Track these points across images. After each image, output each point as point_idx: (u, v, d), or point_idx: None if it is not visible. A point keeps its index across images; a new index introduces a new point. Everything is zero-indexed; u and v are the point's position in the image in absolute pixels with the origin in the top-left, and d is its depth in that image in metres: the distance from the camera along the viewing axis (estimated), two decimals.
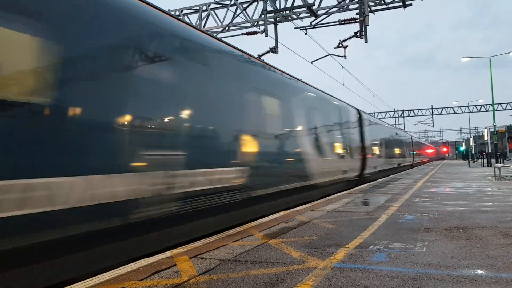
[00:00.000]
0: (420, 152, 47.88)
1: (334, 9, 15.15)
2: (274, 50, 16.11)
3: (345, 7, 15.10)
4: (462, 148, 61.00)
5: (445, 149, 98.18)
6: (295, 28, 15.75)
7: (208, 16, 16.36)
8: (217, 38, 7.31)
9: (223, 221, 6.72)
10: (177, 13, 16.60)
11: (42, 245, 3.69)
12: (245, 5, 15.84)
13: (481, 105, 53.34)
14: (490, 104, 42.84)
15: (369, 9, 14.28)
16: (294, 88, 10.17)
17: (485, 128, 35.32)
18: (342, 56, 16.96)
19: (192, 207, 5.69)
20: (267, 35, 15.31)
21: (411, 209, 7.61)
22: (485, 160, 32.32)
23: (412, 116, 57.56)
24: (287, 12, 15.40)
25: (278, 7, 15.27)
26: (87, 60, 4.31)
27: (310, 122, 10.72)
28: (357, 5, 14.66)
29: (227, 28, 16.39)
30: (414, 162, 38.88)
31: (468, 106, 54.01)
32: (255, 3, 15.66)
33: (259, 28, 15.86)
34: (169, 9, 15.69)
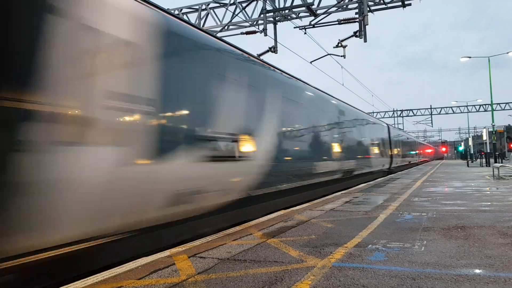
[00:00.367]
0: (423, 153, 56.71)
1: (334, 9, 15.15)
2: (273, 50, 16.11)
3: (345, 7, 15.10)
4: (461, 148, 61.07)
5: (444, 149, 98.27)
6: (295, 28, 15.75)
7: (207, 15, 16.35)
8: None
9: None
10: (177, 12, 16.59)
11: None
12: (244, 4, 15.82)
13: (480, 105, 53.38)
14: (489, 104, 42.82)
15: (369, 9, 14.28)
16: (367, 121, 19.00)
17: (484, 128, 35.35)
18: (341, 56, 16.95)
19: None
20: (266, 35, 15.31)
21: (410, 209, 7.62)
22: (484, 160, 32.37)
23: (411, 116, 57.59)
24: (287, 12, 15.39)
25: (278, 7, 15.26)
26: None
27: (373, 137, 19.78)
28: (357, 5, 14.66)
29: (226, 28, 16.38)
30: (419, 160, 47.80)
31: (467, 106, 54.06)
32: (254, 2, 15.66)
33: (258, 28, 15.86)
34: (168, 8, 15.66)
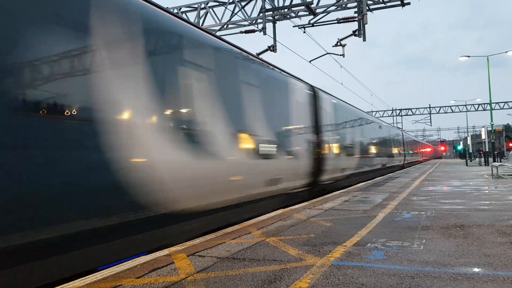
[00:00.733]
0: (425, 152, 64.24)
1: (333, 8, 15.14)
2: (273, 49, 16.10)
3: (344, 6, 15.09)
4: (460, 147, 61.11)
5: (443, 148, 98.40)
6: (294, 27, 15.74)
7: (207, 14, 16.32)
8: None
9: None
10: (176, 11, 16.56)
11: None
12: (244, 3, 15.79)
13: (479, 104, 53.44)
14: (488, 103, 42.86)
15: (368, 8, 14.27)
16: (395, 132, 28.72)
17: (483, 127, 35.37)
18: (341, 55, 16.95)
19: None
20: (266, 34, 15.30)
21: (409, 208, 7.63)
22: (483, 159, 32.41)
23: (410, 115, 57.65)
24: (286, 11, 15.38)
25: (277, 6, 15.24)
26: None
27: (395, 141, 26.79)
28: (356, 4, 14.65)
29: (226, 26, 16.36)
30: (423, 159, 55.36)
31: (466, 105, 54.14)
32: (254, 1, 15.63)
33: (258, 26, 15.84)
34: (167, 7, 15.64)
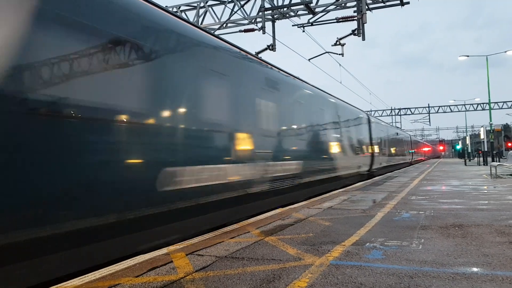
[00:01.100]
0: (426, 151, 69.97)
1: (332, 7, 15.13)
2: (272, 48, 16.09)
3: (343, 5, 15.08)
4: (459, 147, 61.18)
5: (442, 148, 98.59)
6: (293, 26, 15.73)
7: (206, 13, 16.30)
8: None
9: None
10: (175, 10, 16.53)
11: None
12: (243, 2, 15.77)
13: (478, 104, 53.50)
14: (487, 103, 42.81)
15: (367, 7, 14.26)
16: (410, 137, 42.33)
17: (482, 127, 35.40)
18: (340, 54, 16.95)
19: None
20: (265, 32, 15.27)
21: (408, 207, 7.63)
22: (481, 159, 32.45)
23: (409, 115, 57.69)
24: (285, 9, 15.36)
25: (276, 4, 15.23)
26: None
27: (406, 143, 36.46)
28: (355, 3, 14.64)
29: (225, 25, 16.34)
30: (424, 158, 60.75)
31: (465, 105, 54.20)
32: (253, 0, 15.59)
33: (257, 25, 15.82)
34: (167, 6, 15.61)
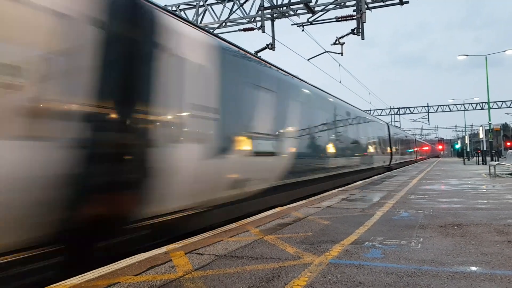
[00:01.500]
0: (427, 151, 72.08)
1: (331, 6, 15.12)
2: (271, 47, 16.08)
3: (342, 4, 15.08)
4: (458, 146, 61.26)
5: (441, 147, 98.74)
6: (292, 25, 15.71)
7: (205, 12, 16.29)
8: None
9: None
10: (174, 9, 16.52)
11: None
12: (242, 1, 15.76)
13: (477, 103, 53.59)
14: (486, 102, 42.90)
15: (366, 6, 14.26)
16: (416, 139, 50.56)
17: (481, 126, 35.44)
18: (339, 53, 16.94)
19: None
20: (264, 32, 15.27)
21: (406, 206, 7.64)
22: (480, 158, 32.49)
23: (408, 114, 57.74)
24: (284, 9, 15.35)
25: (275, 4, 15.22)
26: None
27: (414, 145, 43.94)
28: (354, 2, 14.64)
29: (224, 24, 16.33)
30: (425, 157, 64.30)
31: (464, 104, 54.26)
32: None
33: (256, 25, 15.81)
34: (166, 5, 15.59)
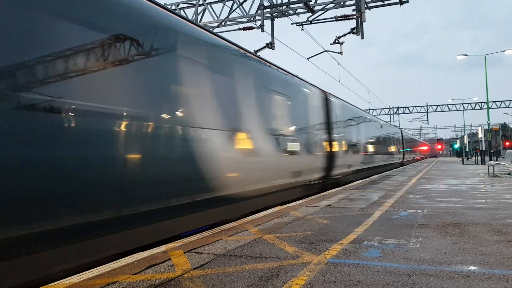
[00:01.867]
0: (427, 150, 73.95)
1: (331, 5, 15.13)
2: (271, 46, 16.10)
3: (342, 3, 15.08)
4: (456, 146, 61.33)
5: (439, 146, 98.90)
6: (292, 24, 15.73)
7: (205, 11, 16.28)
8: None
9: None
10: (173, 7, 16.50)
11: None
12: (242, 0, 15.76)
13: (476, 103, 53.62)
14: (485, 102, 43.01)
15: (366, 6, 14.27)
16: (418, 140, 58.23)
17: (479, 126, 35.52)
18: (338, 53, 16.95)
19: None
20: (264, 31, 15.28)
21: (405, 206, 7.65)
22: (479, 158, 32.53)
23: (407, 113, 57.79)
24: (284, 8, 15.36)
25: (275, 3, 15.23)
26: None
27: (420, 146, 53.84)
28: (354, 1, 14.65)
29: (224, 23, 16.32)
30: (427, 156, 67.92)
31: (463, 104, 54.31)
32: None
33: (256, 24, 15.81)
34: (165, 3, 15.58)
